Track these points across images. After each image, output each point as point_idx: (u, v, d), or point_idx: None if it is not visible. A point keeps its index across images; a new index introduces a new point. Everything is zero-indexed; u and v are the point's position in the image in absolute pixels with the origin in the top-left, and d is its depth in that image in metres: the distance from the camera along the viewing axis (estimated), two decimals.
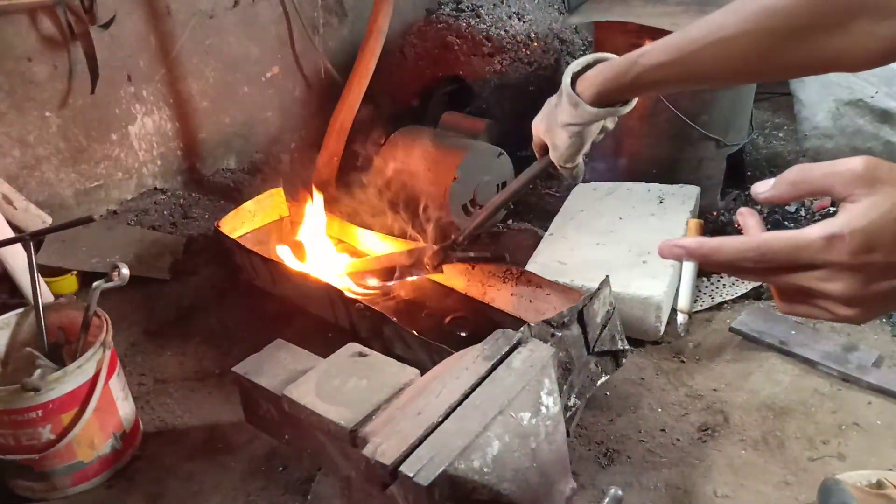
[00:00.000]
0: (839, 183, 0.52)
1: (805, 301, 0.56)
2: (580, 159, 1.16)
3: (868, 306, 0.53)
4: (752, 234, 0.59)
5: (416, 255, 1.81)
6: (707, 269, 0.57)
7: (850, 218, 0.51)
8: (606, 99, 1.04)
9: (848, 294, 0.52)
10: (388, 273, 1.87)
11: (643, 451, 1.54)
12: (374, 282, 1.90)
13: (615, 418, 1.64)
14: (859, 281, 0.52)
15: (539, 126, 1.17)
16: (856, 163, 0.52)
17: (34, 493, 1.51)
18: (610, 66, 1.02)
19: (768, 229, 0.56)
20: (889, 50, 0.73)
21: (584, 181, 2.39)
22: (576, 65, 1.07)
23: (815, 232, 0.52)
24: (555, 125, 1.12)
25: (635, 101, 1.07)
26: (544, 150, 1.20)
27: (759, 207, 2.18)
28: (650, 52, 0.96)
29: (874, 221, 0.50)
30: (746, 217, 0.61)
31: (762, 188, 0.57)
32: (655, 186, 2.33)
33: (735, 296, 2.02)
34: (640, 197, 2.29)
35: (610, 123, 1.15)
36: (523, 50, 2.95)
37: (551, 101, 1.15)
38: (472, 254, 1.63)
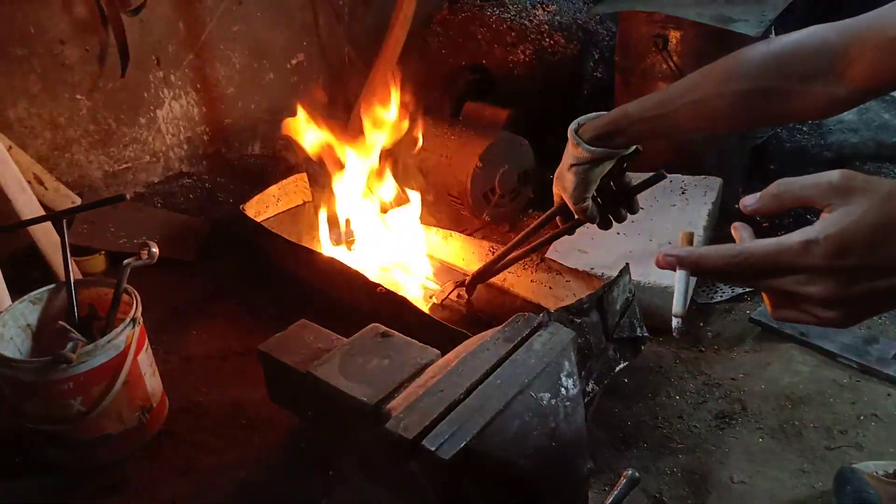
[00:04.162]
0: (818, 194, 0.56)
1: (790, 306, 0.59)
2: (589, 200, 1.26)
3: (849, 309, 0.56)
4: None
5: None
6: (698, 276, 0.62)
7: (826, 225, 0.54)
8: (603, 141, 1.16)
9: (826, 296, 0.55)
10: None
11: (660, 437, 1.55)
12: None
13: (633, 405, 1.65)
14: (836, 284, 0.55)
15: (555, 178, 1.30)
16: (833, 175, 0.56)
17: (64, 463, 1.56)
18: (607, 114, 1.17)
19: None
20: (847, 103, 0.86)
21: None
22: (582, 118, 1.21)
23: (793, 238, 0.55)
24: (564, 170, 1.24)
25: (634, 147, 1.20)
26: (559, 199, 1.32)
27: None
28: (638, 106, 1.10)
29: (847, 227, 0.54)
30: (740, 230, 0.65)
31: (750, 201, 0.62)
32: (678, 177, 2.33)
33: None
34: (662, 187, 2.27)
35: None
36: (547, 40, 2.95)
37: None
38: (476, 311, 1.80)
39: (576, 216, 1.32)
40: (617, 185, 1.31)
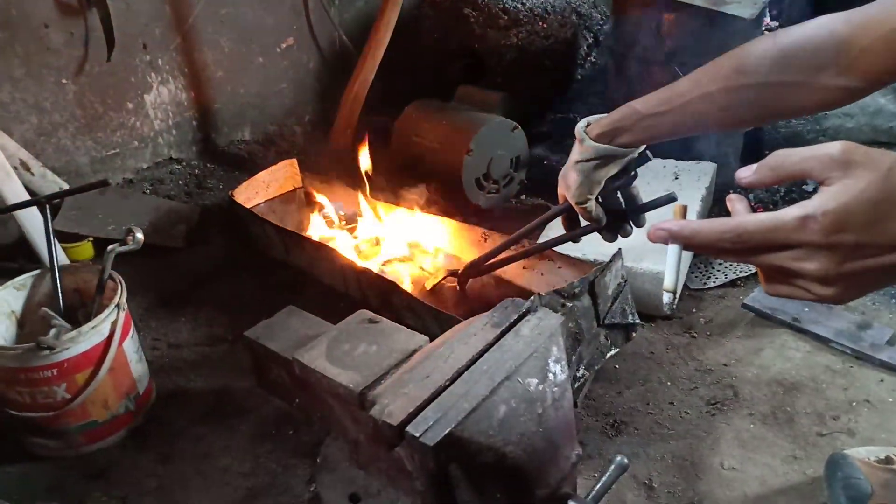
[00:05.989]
0: (816, 167, 0.54)
1: (785, 281, 0.58)
2: (592, 201, 1.24)
3: (845, 285, 0.55)
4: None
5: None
6: (690, 251, 0.62)
7: (824, 199, 0.53)
8: (609, 138, 1.14)
9: (822, 273, 0.54)
10: None
11: (651, 423, 1.54)
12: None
13: (624, 391, 1.64)
14: (833, 260, 0.53)
15: (560, 177, 1.27)
16: (833, 147, 0.54)
17: (49, 451, 1.54)
18: (616, 111, 1.14)
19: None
20: (857, 93, 0.85)
21: None
22: (592, 118, 1.20)
23: (789, 213, 0.54)
24: (568, 168, 1.22)
25: (641, 147, 1.18)
26: (563, 198, 1.29)
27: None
28: (646, 101, 1.08)
29: (846, 202, 0.52)
30: (735, 202, 0.63)
31: (745, 173, 0.60)
32: (671, 162, 2.31)
33: (749, 272, 2.01)
34: (655, 173, 2.27)
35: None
36: (540, 23, 2.91)
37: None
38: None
39: (580, 218, 1.30)
40: (625, 199, 1.28)
